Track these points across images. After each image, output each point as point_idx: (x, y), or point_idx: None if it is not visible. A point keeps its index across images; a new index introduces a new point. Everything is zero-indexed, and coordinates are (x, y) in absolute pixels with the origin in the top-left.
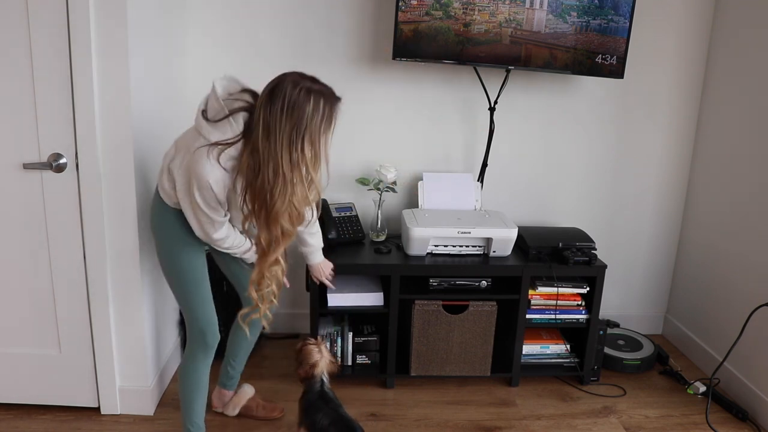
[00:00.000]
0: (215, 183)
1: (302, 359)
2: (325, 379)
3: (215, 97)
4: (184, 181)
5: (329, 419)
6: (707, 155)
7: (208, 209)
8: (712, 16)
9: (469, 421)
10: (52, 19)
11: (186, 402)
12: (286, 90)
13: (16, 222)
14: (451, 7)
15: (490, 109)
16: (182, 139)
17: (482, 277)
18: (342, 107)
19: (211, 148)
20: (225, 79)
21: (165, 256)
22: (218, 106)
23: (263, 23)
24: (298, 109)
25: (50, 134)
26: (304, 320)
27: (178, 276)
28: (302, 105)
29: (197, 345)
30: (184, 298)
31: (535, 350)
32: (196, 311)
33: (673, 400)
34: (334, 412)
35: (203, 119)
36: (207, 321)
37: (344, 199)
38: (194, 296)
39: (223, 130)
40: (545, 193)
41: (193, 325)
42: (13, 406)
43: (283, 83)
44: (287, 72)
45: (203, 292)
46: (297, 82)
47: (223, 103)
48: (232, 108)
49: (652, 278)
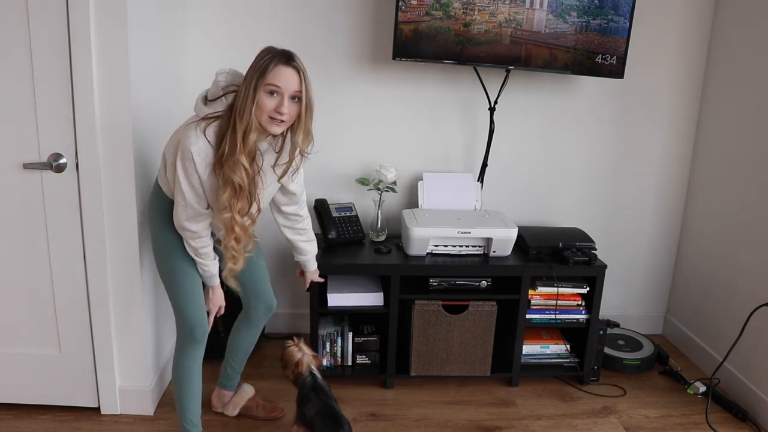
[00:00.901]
0: (197, 153)
1: (286, 361)
2: (315, 373)
3: (217, 87)
4: (172, 160)
5: (316, 409)
6: (707, 155)
7: (187, 186)
8: (712, 16)
9: (469, 421)
10: (52, 19)
11: (178, 398)
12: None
13: (16, 222)
14: (451, 7)
15: (490, 109)
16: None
17: (482, 277)
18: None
19: (199, 122)
20: (230, 74)
21: (160, 249)
22: (217, 91)
23: (263, 23)
24: (255, 63)
25: (50, 134)
26: (304, 320)
27: (171, 271)
28: (257, 59)
29: (186, 340)
30: (174, 294)
31: (535, 350)
32: (185, 307)
33: (673, 400)
34: (322, 403)
35: (202, 103)
36: (196, 317)
37: (344, 199)
38: (185, 292)
39: (214, 107)
40: (545, 193)
41: (182, 321)
42: (13, 406)
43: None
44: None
45: (195, 289)
46: (268, 48)
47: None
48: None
49: (652, 278)
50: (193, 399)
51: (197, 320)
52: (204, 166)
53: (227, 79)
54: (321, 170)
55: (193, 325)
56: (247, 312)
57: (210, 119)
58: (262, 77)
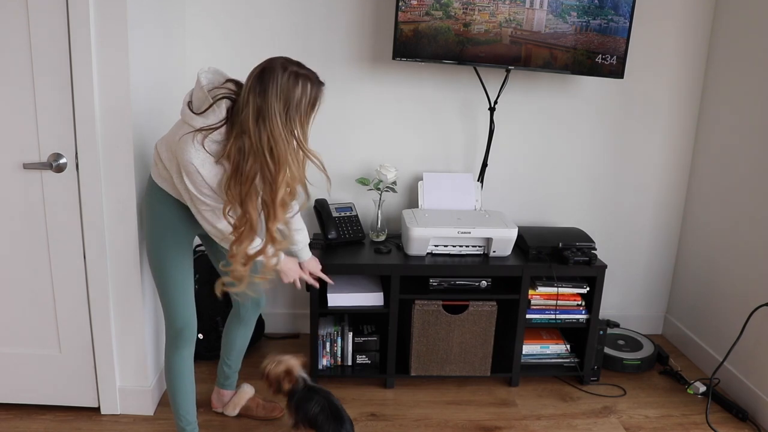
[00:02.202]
0: (201, 166)
1: (275, 380)
2: (304, 375)
3: (200, 87)
4: (177, 172)
5: (320, 406)
6: (707, 155)
7: (202, 196)
8: (712, 16)
9: (469, 421)
10: (52, 20)
11: (172, 397)
12: (276, 74)
13: (16, 222)
14: (451, 7)
15: (490, 109)
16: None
17: (482, 277)
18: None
19: (195, 134)
20: (210, 72)
21: (152, 248)
22: (203, 96)
23: (263, 23)
24: (288, 92)
25: (50, 134)
26: (304, 320)
27: (163, 270)
28: (292, 88)
29: (175, 340)
30: (164, 292)
31: (535, 350)
32: (175, 306)
33: (673, 400)
34: (325, 399)
35: (189, 110)
36: (185, 317)
37: (344, 199)
38: (176, 292)
39: (207, 118)
40: (545, 193)
41: (172, 320)
42: (13, 406)
43: (272, 68)
44: (273, 57)
45: (185, 289)
46: (285, 66)
47: (207, 93)
48: (215, 96)
49: (652, 278)
50: (186, 398)
51: (186, 320)
52: (211, 173)
53: (208, 78)
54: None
55: (182, 325)
56: (237, 309)
57: (206, 131)
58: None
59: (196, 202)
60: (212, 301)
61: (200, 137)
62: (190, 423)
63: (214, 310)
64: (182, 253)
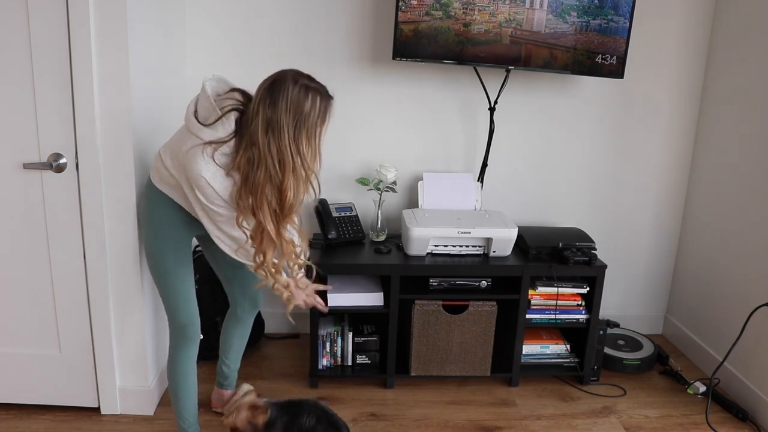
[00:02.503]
0: (212, 179)
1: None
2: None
3: (206, 96)
4: (186, 182)
5: (315, 417)
6: (707, 154)
7: (216, 207)
8: (712, 15)
9: (469, 421)
10: (52, 19)
11: (174, 398)
12: (287, 87)
13: (16, 222)
14: (451, 7)
15: (490, 109)
16: (173, 141)
17: (482, 277)
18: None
19: (205, 146)
20: (214, 80)
21: (152, 248)
22: (209, 106)
23: (263, 23)
24: (298, 105)
25: (50, 134)
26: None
27: (163, 270)
28: (302, 102)
29: (178, 339)
30: (166, 293)
31: (535, 350)
32: (177, 306)
33: (673, 400)
34: (316, 408)
35: (196, 120)
36: (188, 316)
37: (344, 199)
38: (177, 291)
39: (215, 130)
40: (545, 193)
41: (175, 320)
42: (13, 406)
43: (283, 80)
44: (284, 69)
45: (186, 288)
46: (296, 79)
47: (214, 103)
48: (223, 107)
49: (652, 278)
50: (188, 398)
51: (189, 319)
52: (222, 185)
53: (213, 86)
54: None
55: (185, 324)
56: (234, 308)
57: (216, 143)
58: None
59: (211, 214)
60: (212, 301)
61: (210, 150)
62: (192, 425)
63: (214, 310)
64: (183, 253)
